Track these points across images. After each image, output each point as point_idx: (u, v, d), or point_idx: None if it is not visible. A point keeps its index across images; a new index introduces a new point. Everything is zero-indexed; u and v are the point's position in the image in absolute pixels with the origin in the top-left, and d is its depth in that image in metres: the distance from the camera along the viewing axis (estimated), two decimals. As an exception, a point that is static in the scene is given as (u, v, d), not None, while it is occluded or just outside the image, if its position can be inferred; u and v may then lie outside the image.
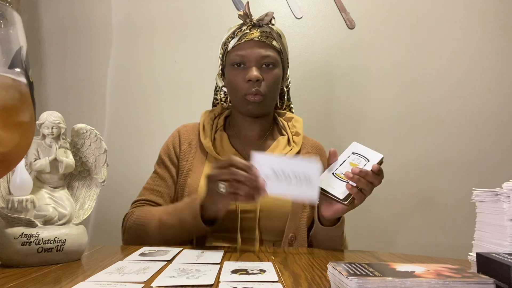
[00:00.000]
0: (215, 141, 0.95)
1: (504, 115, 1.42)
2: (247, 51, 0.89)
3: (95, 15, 1.42)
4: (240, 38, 0.90)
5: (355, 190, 0.72)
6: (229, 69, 0.92)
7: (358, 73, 1.44)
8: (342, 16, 1.43)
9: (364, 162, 0.76)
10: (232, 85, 0.91)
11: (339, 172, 0.76)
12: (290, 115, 1.02)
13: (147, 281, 0.43)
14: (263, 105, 0.91)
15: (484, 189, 0.52)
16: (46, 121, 0.61)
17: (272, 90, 0.91)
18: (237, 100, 0.92)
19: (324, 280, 0.47)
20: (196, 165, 0.91)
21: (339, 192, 0.73)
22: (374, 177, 0.72)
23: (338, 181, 0.74)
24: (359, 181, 0.71)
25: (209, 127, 0.96)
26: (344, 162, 0.77)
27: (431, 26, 1.44)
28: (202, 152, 0.93)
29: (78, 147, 0.67)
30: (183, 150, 0.95)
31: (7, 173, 0.57)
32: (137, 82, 1.42)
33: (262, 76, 0.88)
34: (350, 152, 0.79)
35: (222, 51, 0.96)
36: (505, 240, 0.47)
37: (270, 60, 0.89)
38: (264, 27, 0.91)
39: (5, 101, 0.31)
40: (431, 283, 0.33)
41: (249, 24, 0.91)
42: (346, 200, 0.72)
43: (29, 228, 0.54)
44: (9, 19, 0.33)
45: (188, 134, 0.98)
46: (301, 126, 1.00)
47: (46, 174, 0.61)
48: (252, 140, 0.97)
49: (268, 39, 0.90)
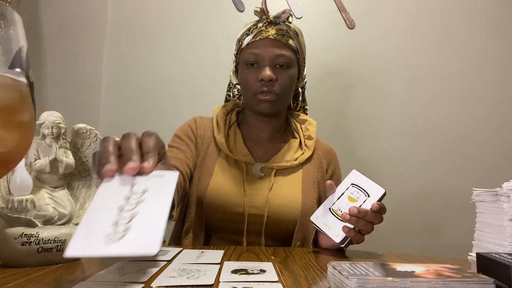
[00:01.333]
0: (228, 137, 0.93)
1: (504, 115, 1.42)
2: (261, 49, 0.86)
3: (95, 15, 1.42)
4: (255, 35, 0.87)
5: (352, 232, 0.66)
6: (243, 67, 0.90)
7: (358, 73, 1.44)
8: (342, 16, 1.43)
9: (364, 197, 0.69)
10: (245, 83, 0.89)
11: (336, 209, 0.69)
12: (303, 117, 1.00)
13: (147, 281, 0.43)
14: (275, 105, 0.88)
15: (484, 189, 0.52)
16: (46, 121, 0.61)
17: (286, 91, 0.88)
18: (249, 99, 0.90)
19: (324, 280, 0.47)
20: (209, 160, 0.89)
21: (335, 233, 0.67)
22: (374, 216, 0.66)
23: (335, 219, 0.68)
24: (358, 223, 0.65)
25: (222, 122, 0.94)
26: (342, 196, 0.70)
27: (431, 26, 1.44)
28: (215, 147, 0.92)
29: (78, 147, 0.67)
30: (199, 135, 0.94)
31: (7, 173, 0.57)
32: (137, 82, 1.42)
33: (275, 76, 0.85)
34: (349, 183, 0.71)
35: (236, 47, 0.93)
36: (505, 240, 0.47)
37: (285, 60, 0.86)
38: (280, 25, 0.88)
39: (5, 101, 0.31)
40: (431, 283, 0.33)
41: (265, 21, 0.88)
42: (343, 243, 0.66)
43: (29, 228, 0.54)
44: (9, 19, 0.33)
45: (204, 125, 0.96)
46: (315, 130, 0.97)
47: (46, 174, 0.61)
48: (263, 142, 0.95)
49: (284, 38, 0.86)
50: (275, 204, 0.84)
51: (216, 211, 0.84)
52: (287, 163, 0.90)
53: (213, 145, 0.92)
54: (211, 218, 0.85)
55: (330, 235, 0.67)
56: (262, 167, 0.89)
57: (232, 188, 0.85)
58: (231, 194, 0.85)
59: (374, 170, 1.40)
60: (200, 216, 0.85)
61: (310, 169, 0.92)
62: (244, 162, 0.89)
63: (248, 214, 0.83)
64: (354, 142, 1.42)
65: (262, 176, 0.88)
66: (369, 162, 1.42)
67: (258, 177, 0.88)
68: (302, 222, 0.84)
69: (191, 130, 0.94)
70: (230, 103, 1.00)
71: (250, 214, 0.83)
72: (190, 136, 0.93)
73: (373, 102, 1.43)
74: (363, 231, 0.67)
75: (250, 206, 0.84)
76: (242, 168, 0.89)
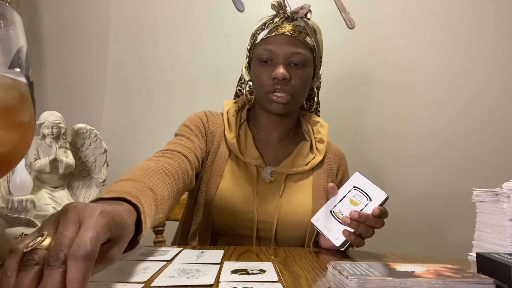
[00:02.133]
0: (239, 137, 0.89)
1: (505, 116, 1.42)
2: (276, 46, 0.81)
3: (95, 15, 1.42)
4: (271, 31, 0.82)
5: (352, 237, 0.65)
6: (256, 63, 0.85)
7: (358, 73, 1.44)
8: (342, 16, 1.43)
9: (366, 201, 0.68)
10: (257, 81, 0.85)
11: (337, 211, 0.69)
12: (316, 119, 0.96)
13: (147, 281, 0.43)
14: (288, 106, 0.84)
15: (484, 189, 0.52)
16: (46, 121, 0.61)
17: (300, 91, 0.84)
18: (261, 97, 0.86)
19: (324, 280, 0.47)
20: (219, 161, 0.86)
21: (335, 236, 0.66)
22: (375, 221, 0.65)
23: (336, 222, 0.68)
24: (358, 227, 0.64)
25: (233, 120, 0.90)
26: (344, 198, 0.70)
27: (432, 25, 1.44)
28: (225, 147, 0.88)
29: (78, 147, 0.67)
30: (211, 132, 0.89)
31: (7, 173, 0.57)
32: (137, 82, 1.42)
33: (289, 75, 0.81)
34: (352, 186, 0.71)
35: (250, 42, 0.89)
36: (505, 240, 0.47)
37: (300, 58, 0.81)
38: (298, 21, 0.82)
39: (5, 101, 0.31)
40: (431, 283, 0.33)
41: (282, 16, 0.83)
42: (343, 247, 0.66)
43: (29, 228, 0.54)
44: (9, 19, 0.33)
45: (215, 121, 0.92)
46: (326, 132, 0.93)
47: (46, 174, 0.61)
48: (274, 143, 0.92)
49: (300, 35, 0.81)
50: (285, 212, 0.82)
51: (224, 215, 0.82)
52: (297, 168, 0.87)
53: (223, 144, 0.88)
54: (219, 222, 0.83)
55: (330, 238, 0.67)
56: (273, 171, 0.87)
57: (241, 193, 0.83)
58: (241, 199, 0.82)
59: (374, 170, 1.40)
60: (207, 219, 0.83)
61: (320, 174, 0.90)
62: (255, 165, 0.87)
63: (258, 221, 0.81)
64: (357, 143, 1.42)
65: (273, 180, 0.86)
66: (370, 162, 1.42)
67: (268, 181, 0.86)
68: (312, 230, 0.82)
69: (203, 124, 0.89)
70: (241, 99, 0.96)
71: (259, 221, 0.81)
72: (200, 129, 0.88)
73: (373, 103, 1.43)
74: (364, 235, 0.66)
75: (260, 213, 0.82)
76: (252, 171, 0.86)
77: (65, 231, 0.32)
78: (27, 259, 0.31)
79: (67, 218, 0.34)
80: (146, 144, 1.37)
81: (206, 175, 0.85)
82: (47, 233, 0.33)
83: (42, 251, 0.31)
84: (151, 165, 0.64)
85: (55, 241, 0.32)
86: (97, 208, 0.35)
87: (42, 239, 0.32)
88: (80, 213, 0.34)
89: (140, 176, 0.57)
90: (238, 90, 0.99)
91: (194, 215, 0.86)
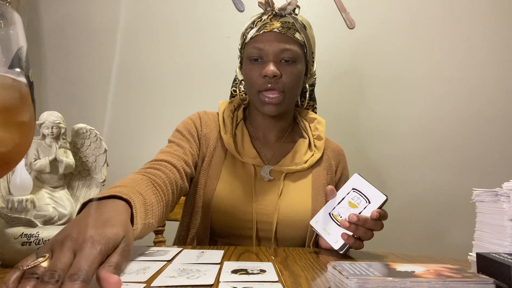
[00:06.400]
0: (235, 137, 0.89)
1: (504, 115, 1.42)
2: (265, 44, 0.80)
3: (95, 15, 1.42)
4: (259, 28, 0.82)
5: (351, 240, 0.64)
6: (246, 62, 0.85)
7: (358, 73, 1.44)
8: (342, 16, 1.43)
9: (365, 203, 0.67)
10: (248, 80, 0.84)
11: (336, 214, 0.68)
12: (312, 116, 0.95)
13: (147, 281, 0.43)
14: (280, 106, 0.83)
15: (484, 189, 0.52)
16: (46, 121, 0.61)
17: (292, 88, 0.83)
18: (253, 97, 0.85)
19: (324, 280, 0.47)
20: (215, 162, 0.85)
21: (333, 239, 0.66)
22: (374, 224, 0.64)
23: (334, 225, 0.67)
24: (357, 230, 0.64)
25: (229, 120, 0.89)
26: (343, 201, 0.69)
27: (431, 25, 1.44)
28: (221, 148, 0.87)
29: (78, 147, 0.67)
30: (204, 135, 0.88)
31: (7, 173, 0.57)
32: (137, 82, 1.42)
33: (280, 72, 0.80)
34: (351, 188, 0.70)
35: (241, 42, 0.89)
36: (505, 240, 0.47)
37: (290, 54, 0.80)
38: (286, 17, 0.82)
39: (5, 101, 0.31)
40: (431, 283, 0.33)
41: (270, 13, 0.83)
42: (341, 250, 0.65)
43: (29, 228, 0.54)
44: (9, 19, 0.33)
45: (209, 122, 0.91)
46: (324, 129, 0.92)
47: (46, 174, 0.61)
48: (271, 142, 0.92)
49: (289, 31, 0.81)
50: (284, 211, 0.82)
51: (223, 217, 0.82)
52: (296, 166, 0.87)
53: (219, 145, 0.88)
54: (218, 224, 0.83)
55: (329, 241, 0.67)
56: (271, 170, 0.86)
57: (240, 194, 0.82)
58: (239, 200, 0.82)
59: (373, 171, 1.40)
60: (206, 222, 0.83)
61: (320, 172, 0.89)
62: (253, 164, 0.86)
63: (257, 221, 0.81)
64: (356, 143, 1.42)
65: (272, 179, 0.86)
66: (369, 162, 1.41)
67: (267, 180, 0.86)
68: (312, 230, 0.81)
69: (195, 127, 0.89)
70: (236, 99, 0.95)
71: (259, 221, 0.81)
72: (192, 133, 0.88)
73: (374, 102, 1.43)
74: (363, 238, 0.66)
75: (259, 213, 0.82)
76: (250, 171, 0.85)
77: (62, 258, 0.35)
78: (28, 273, 0.33)
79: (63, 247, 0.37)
80: (146, 144, 1.37)
81: (203, 178, 0.85)
82: (48, 255, 0.36)
83: (43, 268, 0.34)
84: (139, 177, 0.65)
85: (51, 264, 0.35)
86: (88, 240, 0.38)
87: (44, 259, 0.35)
88: (75, 244, 0.37)
89: (129, 183, 0.59)
90: (233, 90, 0.99)
91: (192, 219, 0.85)
